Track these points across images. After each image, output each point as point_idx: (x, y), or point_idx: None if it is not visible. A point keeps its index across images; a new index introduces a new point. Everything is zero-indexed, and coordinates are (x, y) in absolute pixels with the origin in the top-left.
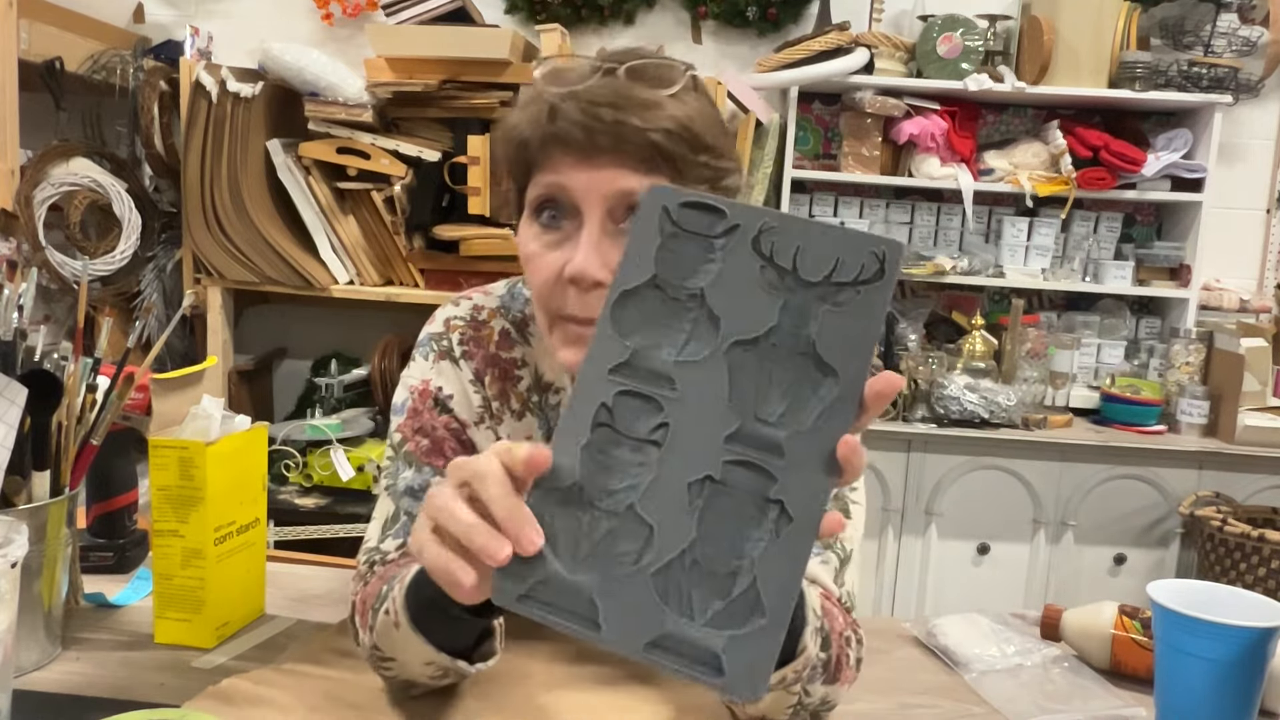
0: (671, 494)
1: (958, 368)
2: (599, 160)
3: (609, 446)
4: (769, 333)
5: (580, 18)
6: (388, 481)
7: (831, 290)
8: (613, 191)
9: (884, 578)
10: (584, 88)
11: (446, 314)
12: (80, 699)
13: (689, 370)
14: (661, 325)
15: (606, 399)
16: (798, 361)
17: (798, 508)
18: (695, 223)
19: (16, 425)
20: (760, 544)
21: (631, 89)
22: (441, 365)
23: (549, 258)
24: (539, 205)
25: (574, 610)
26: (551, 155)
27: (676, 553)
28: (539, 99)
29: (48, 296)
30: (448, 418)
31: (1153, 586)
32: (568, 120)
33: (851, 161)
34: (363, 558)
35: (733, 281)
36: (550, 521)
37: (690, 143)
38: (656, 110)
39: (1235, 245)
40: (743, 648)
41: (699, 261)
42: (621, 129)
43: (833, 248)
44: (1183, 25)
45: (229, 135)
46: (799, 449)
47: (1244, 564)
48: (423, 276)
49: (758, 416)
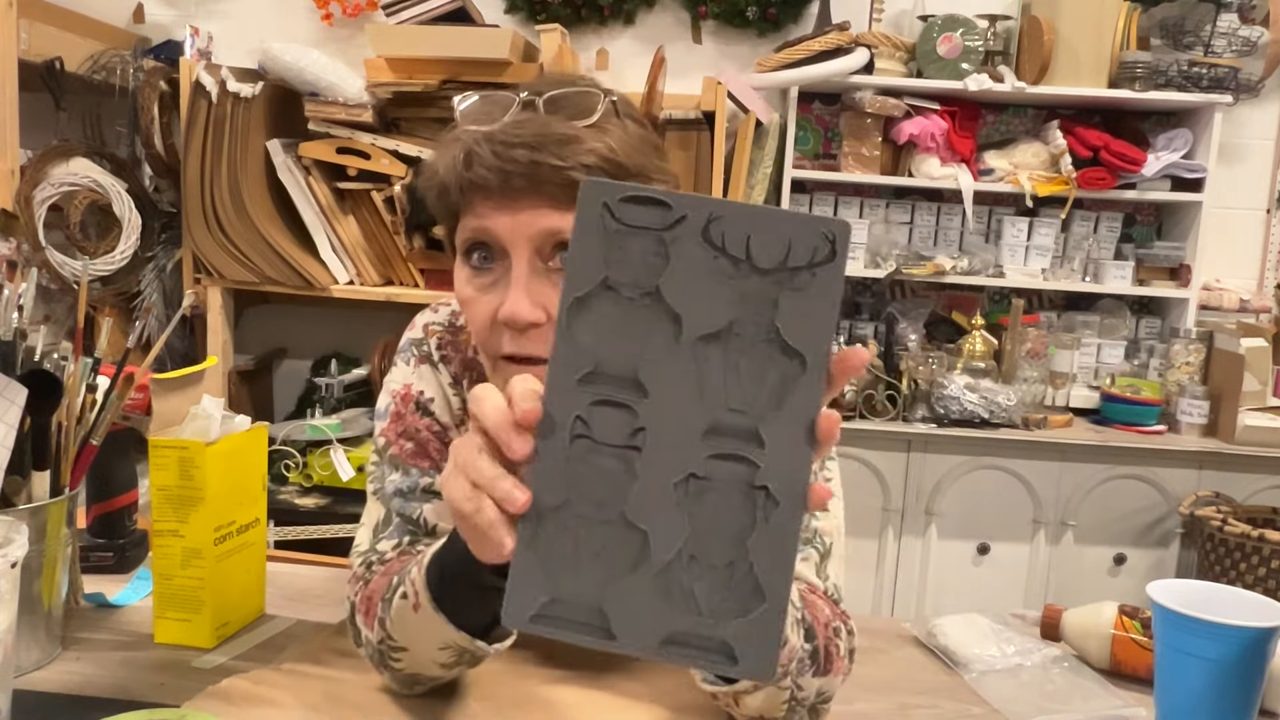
0: (659, 496)
1: (958, 368)
2: (519, 203)
3: (591, 457)
4: (731, 324)
5: (580, 18)
6: (375, 485)
7: (787, 275)
8: (536, 232)
9: (884, 578)
10: (500, 128)
11: (425, 320)
12: (80, 699)
13: (656, 371)
14: (621, 328)
15: (581, 411)
16: (762, 349)
17: (782, 491)
18: (640, 217)
19: (16, 425)
20: (752, 531)
21: (548, 125)
22: (422, 370)
23: (482, 302)
24: (467, 249)
25: (586, 622)
26: (472, 201)
27: (673, 553)
28: (457, 141)
29: (48, 296)
30: (430, 420)
31: (1153, 586)
32: (483, 165)
33: (851, 161)
34: (357, 561)
35: (687, 275)
36: (549, 542)
37: (613, 174)
38: (575, 145)
39: (1235, 245)
40: (750, 632)
41: (649, 257)
42: (538, 170)
43: (781, 232)
44: (1183, 25)
45: (229, 135)
46: (775, 433)
47: (1244, 564)
48: (423, 276)
49: (730, 408)
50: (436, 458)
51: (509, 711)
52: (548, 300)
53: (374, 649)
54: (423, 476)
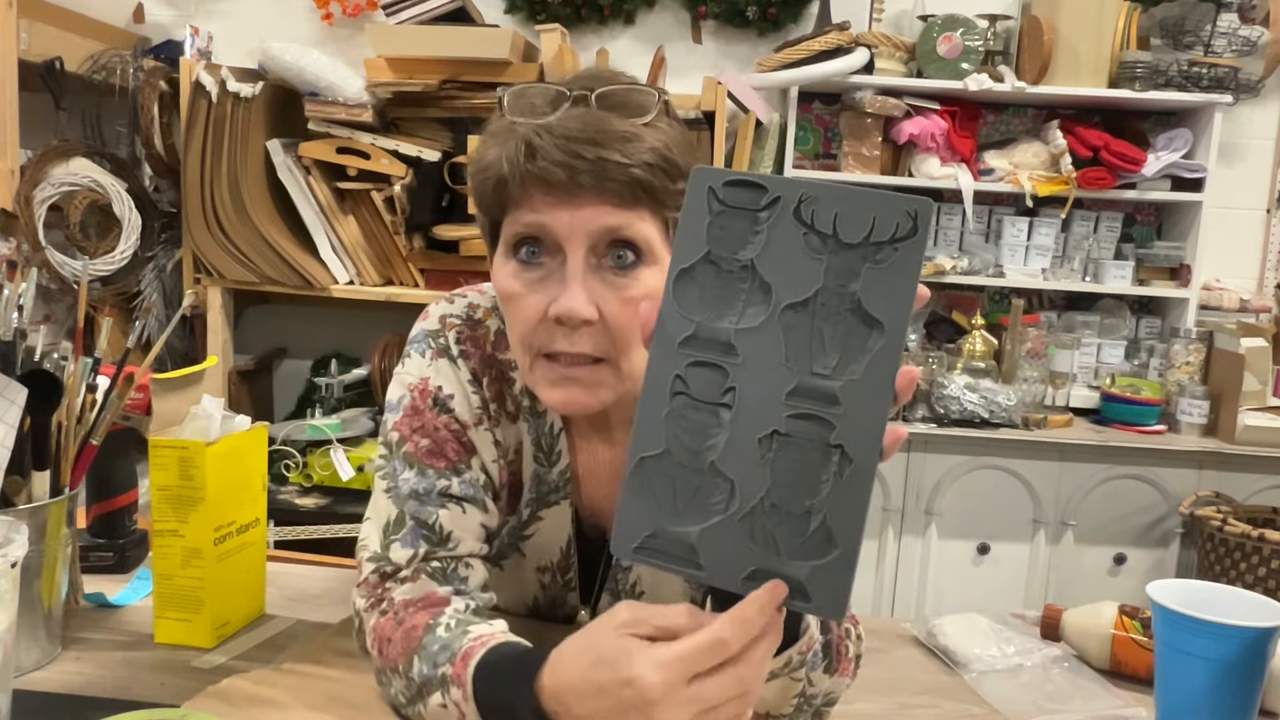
0: (745, 449)
1: (958, 368)
2: (580, 198)
3: (688, 412)
4: (816, 294)
5: (580, 18)
6: (387, 483)
7: (870, 250)
8: (595, 229)
9: (884, 578)
10: (558, 120)
11: (442, 311)
12: (80, 699)
13: (748, 336)
14: (719, 297)
15: (680, 370)
16: (845, 318)
17: (857, 450)
18: (739, 199)
19: (16, 425)
20: (827, 485)
21: (607, 121)
22: (440, 364)
23: (532, 299)
24: (516, 243)
25: (679, 555)
26: (530, 195)
27: (756, 500)
28: (512, 132)
29: (48, 296)
30: (448, 418)
31: (1153, 586)
32: (548, 160)
33: (851, 161)
34: (369, 566)
35: (779, 250)
36: (651, 485)
37: (669, 172)
38: (637, 143)
39: (1235, 245)
40: (823, 576)
41: (747, 234)
42: (604, 166)
43: (868, 210)
44: (1183, 25)
45: (229, 135)
46: (853, 396)
47: (1244, 564)
48: (423, 276)
49: (813, 371)
50: (454, 458)
51: None
52: (600, 298)
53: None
54: (439, 479)
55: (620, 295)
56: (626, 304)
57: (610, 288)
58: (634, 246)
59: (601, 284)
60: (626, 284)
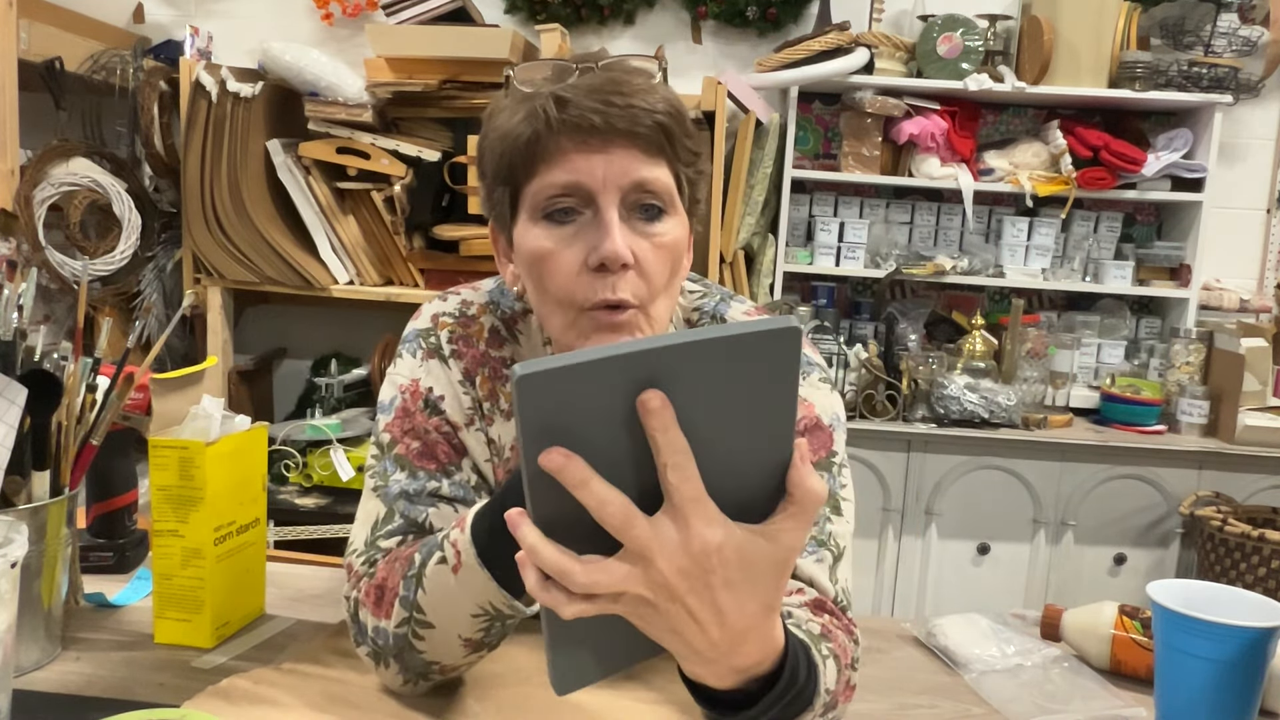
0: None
1: (958, 368)
2: (614, 145)
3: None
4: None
5: (580, 18)
6: (376, 482)
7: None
8: (627, 183)
9: (884, 578)
10: (574, 82)
11: (434, 309)
12: (80, 699)
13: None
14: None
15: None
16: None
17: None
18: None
19: (16, 425)
20: None
21: (623, 78)
22: (430, 364)
23: (568, 254)
24: (549, 204)
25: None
26: (563, 147)
27: None
28: (533, 96)
29: (48, 296)
30: (439, 420)
31: (1153, 586)
32: (580, 107)
33: (851, 161)
34: (358, 560)
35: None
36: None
37: (681, 125)
38: (654, 93)
39: (1235, 245)
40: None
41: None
42: (634, 111)
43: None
44: (1183, 25)
45: (229, 135)
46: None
47: (1244, 564)
48: (423, 276)
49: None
50: (444, 460)
51: (509, 712)
52: (634, 244)
53: (388, 637)
54: (430, 480)
55: (651, 242)
56: (658, 249)
57: (641, 235)
58: (659, 197)
59: (632, 232)
60: (655, 231)
